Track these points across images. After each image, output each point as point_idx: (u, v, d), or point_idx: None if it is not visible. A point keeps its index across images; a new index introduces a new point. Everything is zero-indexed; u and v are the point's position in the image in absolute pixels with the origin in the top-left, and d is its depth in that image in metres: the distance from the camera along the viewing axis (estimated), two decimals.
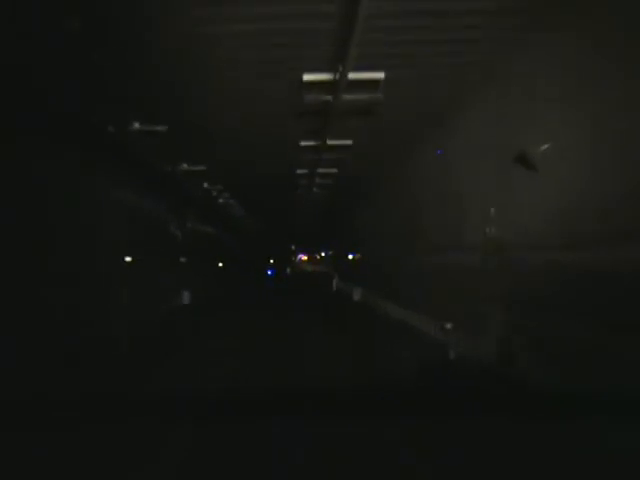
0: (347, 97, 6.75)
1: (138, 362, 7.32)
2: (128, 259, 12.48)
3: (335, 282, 28.45)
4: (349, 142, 9.90)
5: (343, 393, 2.46)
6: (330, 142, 9.82)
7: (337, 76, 6.34)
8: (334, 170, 12.83)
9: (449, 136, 8.82)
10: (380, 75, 6.42)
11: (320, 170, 12.68)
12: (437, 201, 9.87)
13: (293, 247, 46.32)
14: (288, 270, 43.61)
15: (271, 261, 43.12)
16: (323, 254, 46.03)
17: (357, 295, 19.30)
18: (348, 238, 24.11)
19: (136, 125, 8.31)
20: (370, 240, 17.86)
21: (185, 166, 11.72)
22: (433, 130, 9.24)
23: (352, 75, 6.33)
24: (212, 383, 4.44)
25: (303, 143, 9.98)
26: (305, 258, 48.09)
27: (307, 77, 6.47)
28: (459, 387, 4.22)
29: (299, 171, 13.00)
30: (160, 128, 8.47)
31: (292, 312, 15.70)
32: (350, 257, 22.49)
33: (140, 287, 12.53)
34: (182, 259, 17.48)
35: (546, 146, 5.00)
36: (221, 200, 17.68)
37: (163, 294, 14.37)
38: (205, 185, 14.79)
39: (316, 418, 2.00)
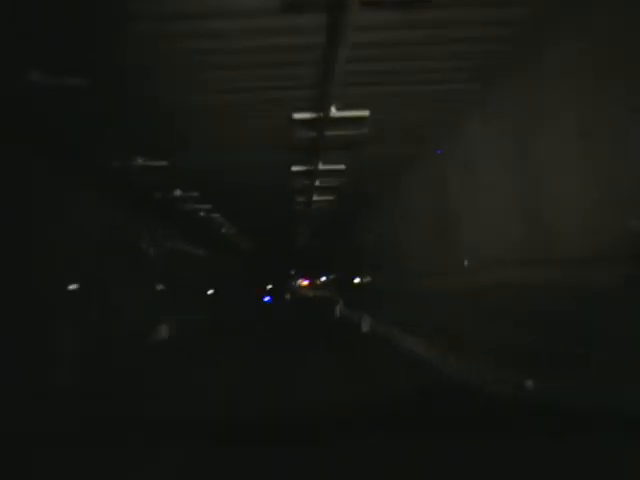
0: None
1: None
2: (74, 285, 9.59)
3: (339, 308, 25.83)
4: (364, 113, 6.95)
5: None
6: (336, 114, 6.90)
7: None
8: (340, 166, 9.90)
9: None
10: None
11: (321, 166, 9.73)
12: (492, 189, 6.85)
13: (293, 272, 43.45)
14: (287, 296, 41.14)
15: (269, 287, 40.02)
16: (324, 278, 43.28)
17: (366, 326, 16.11)
18: (354, 259, 20.99)
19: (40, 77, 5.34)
20: (383, 259, 14.68)
21: (140, 161, 8.72)
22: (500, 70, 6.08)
23: None
24: None
25: (297, 115, 7.03)
26: (305, 283, 45.23)
27: None
28: None
29: (295, 168, 10.04)
30: (77, 81, 5.51)
31: (291, 350, 12.59)
32: (356, 281, 19.33)
33: (95, 321, 9.69)
34: (159, 286, 14.54)
35: None
36: (202, 213, 14.71)
37: (132, 329, 11.37)
38: (178, 193, 11.80)
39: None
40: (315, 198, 12.05)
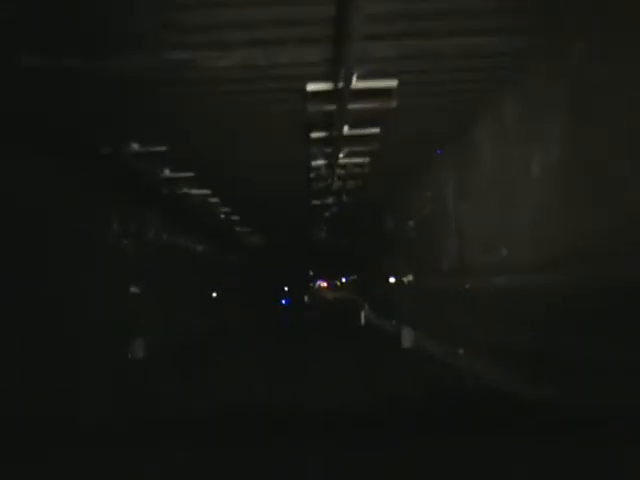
0: None
1: None
2: None
3: (364, 314, 22.61)
4: None
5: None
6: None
7: None
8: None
9: None
10: None
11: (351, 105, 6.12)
12: None
13: (311, 272, 40.73)
14: (306, 298, 39.01)
15: (285, 289, 37.17)
16: (344, 280, 40.67)
17: (408, 339, 12.41)
18: (385, 253, 17.14)
19: None
20: (436, 250, 10.68)
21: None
22: None
23: None
24: None
25: None
26: (324, 285, 42.37)
27: None
28: None
29: (310, 108, 6.44)
30: None
31: (312, 375, 8.97)
32: (392, 280, 15.56)
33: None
34: (134, 288, 11.13)
35: None
36: (192, 191, 11.18)
37: (89, 344, 8.00)
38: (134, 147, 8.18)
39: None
40: (341, 161, 8.40)
